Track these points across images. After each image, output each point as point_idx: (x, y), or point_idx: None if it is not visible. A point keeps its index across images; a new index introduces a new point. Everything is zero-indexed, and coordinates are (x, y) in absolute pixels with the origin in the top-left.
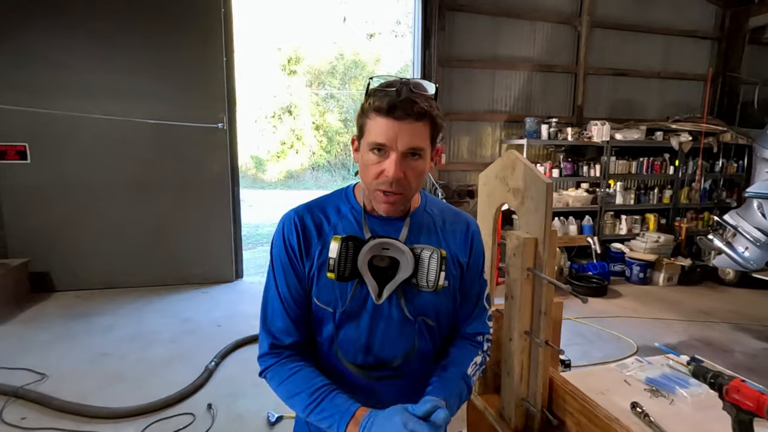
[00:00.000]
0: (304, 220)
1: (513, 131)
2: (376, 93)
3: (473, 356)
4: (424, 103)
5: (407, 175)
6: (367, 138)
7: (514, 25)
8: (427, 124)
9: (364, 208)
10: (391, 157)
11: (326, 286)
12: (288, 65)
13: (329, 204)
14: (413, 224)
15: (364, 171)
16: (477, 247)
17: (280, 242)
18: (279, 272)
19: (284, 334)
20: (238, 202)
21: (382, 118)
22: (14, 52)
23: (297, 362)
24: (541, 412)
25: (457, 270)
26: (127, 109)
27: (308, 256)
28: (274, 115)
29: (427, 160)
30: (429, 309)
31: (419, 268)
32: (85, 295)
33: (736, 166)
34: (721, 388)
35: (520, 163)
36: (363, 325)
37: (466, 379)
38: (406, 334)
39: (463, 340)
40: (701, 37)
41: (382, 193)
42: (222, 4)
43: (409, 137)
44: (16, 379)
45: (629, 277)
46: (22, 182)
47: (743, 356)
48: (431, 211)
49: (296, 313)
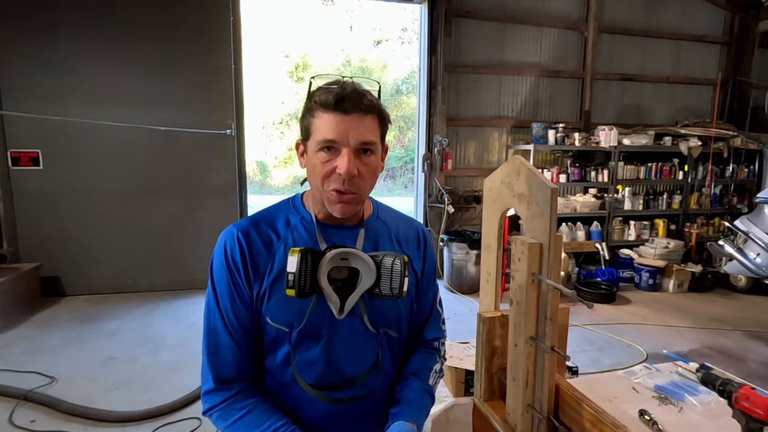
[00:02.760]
0: (249, 237)
1: (520, 137)
2: (320, 90)
3: (432, 365)
4: (371, 97)
5: (360, 171)
6: (315, 137)
7: (520, 31)
8: (375, 119)
9: (316, 217)
10: (343, 154)
11: (280, 305)
12: (295, 72)
13: (276, 216)
14: (368, 231)
15: (313, 173)
16: (430, 253)
17: (222, 263)
18: (224, 297)
19: (232, 365)
20: (245, 208)
21: (330, 114)
22: (27, 59)
23: (248, 399)
24: (547, 418)
25: (412, 277)
26: (137, 116)
27: (256, 276)
28: (281, 121)
29: (379, 157)
30: (391, 319)
31: (382, 276)
32: (95, 300)
33: (747, 171)
34: (730, 395)
35: (524, 168)
36: (323, 342)
37: (429, 390)
38: (368, 347)
39: (421, 349)
40: (710, 42)
41: (335, 192)
42: (231, 13)
43: (360, 131)
44: (25, 382)
45: (638, 284)
46: (34, 188)
47: (757, 365)
48: (384, 219)
49: (244, 341)
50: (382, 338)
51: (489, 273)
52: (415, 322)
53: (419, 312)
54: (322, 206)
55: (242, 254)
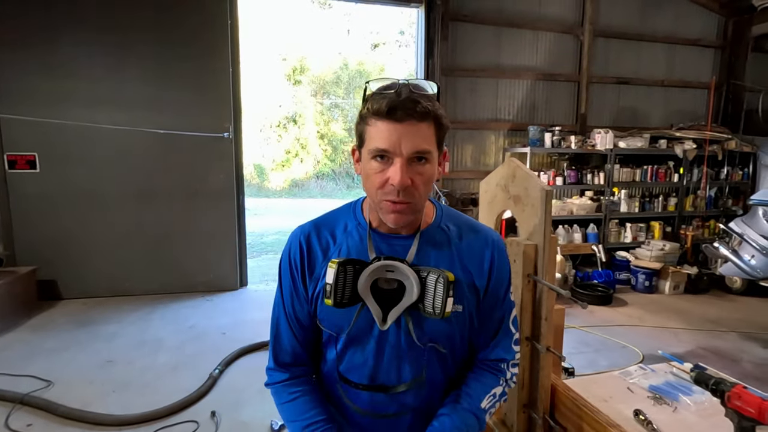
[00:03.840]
0: (310, 240)
1: (516, 139)
2: (374, 96)
3: (492, 386)
4: (427, 103)
5: (414, 181)
6: (368, 145)
7: (517, 35)
8: (431, 125)
9: (370, 224)
10: (395, 164)
11: (329, 309)
12: (293, 75)
13: (337, 220)
14: (423, 242)
15: (367, 182)
16: (500, 268)
17: (286, 262)
18: (286, 292)
19: (289, 353)
20: (243, 211)
21: (383, 122)
22: (25, 62)
23: (299, 387)
24: (543, 418)
25: (472, 295)
26: (134, 119)
27: (312, 278)
28: (279, 124)
29: (435, 165)
30: (440, 335)
31: (425, 293)
32: (92, 303)
33: (741, 173)
34: (723, 394)
35: (520, 171)
36: (368, 351)
37: (478, 413)
38: (414, 361)
39: (483, 368)
40: (704, 46)
41: (389, 203)
42: (229, 16)
43: (414, 140)
44: (22, 385)
45: (635, 286)
46: (31, 191)
47: (752, 366)
48: (446, 228)
49: (302, 333)
50: (430, 353)
51: None
52: (478, 341)
53: (483, 330)
54: (377, 214)
55: (301, 256)
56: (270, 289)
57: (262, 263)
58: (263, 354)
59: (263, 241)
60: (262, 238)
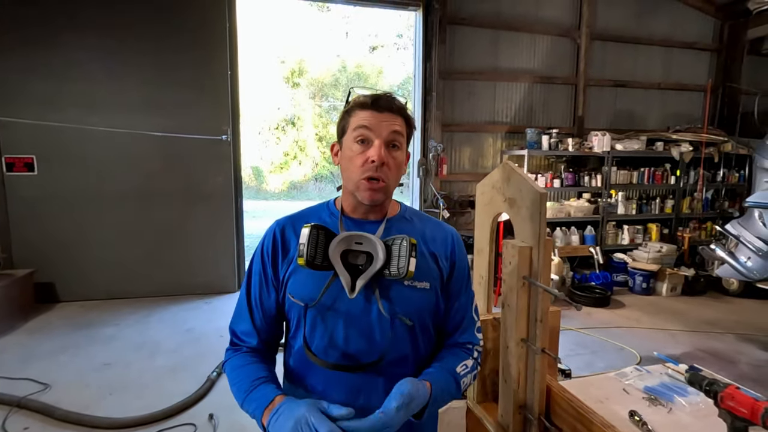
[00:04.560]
0: (284, 231)
1: (514, 142)
2: (357, 96)
3: (464, 359)
4: (402, 103)
5: (389, 163)
6: (352, 127)
7: (514, 38)
8: (404, 122)
9: (342, 210)
10: (375, 144)
11: (300, 281)
12: (291, 77)
13: (312, 214)
14: (391, 227)
15: (348, 164)
16: (460, 256)
17: (259, 250)
18: (254, 278)
19: (245, 335)
20: (241, 213)
21: (366, 111)
22: (22, 65)
23: (252, 358)
24: (538, 420)
25: (437, 272)
26: (132, 122)
27: (285, 260)
28: (277, 126)
29: (404, 155)
30: (408, 308)
31: (392, 258)
32: (89, 306)
33: (738, 175)
34: (716, 395)
35: (515, 174)
36: (336, 321)
37: (454, 375)
38: (381, 333)
39: (453, 347)
40: (701, 49)
41: (366, 180)
42: (227, 19)
43: (391, 126)
44: (19, 389)
45: (632, 288)
46: (28, 194)
47: (749, 367)
48: (410, 218)
49: (261, 319)
50: (399, 327)
51: (482, 276)
52: (447, 326)
53: (451, 315)
54: (352, 198)
55: (274, 244)
56: None
57: None
58: None
59: None
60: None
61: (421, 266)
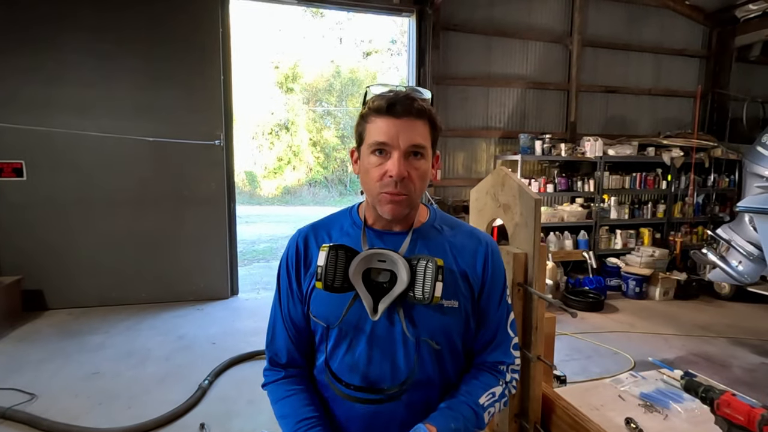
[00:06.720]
0: (307, 240)
1: (507, 147)
2: (374, 97)
3: (491, 385)
4: (423, 102)
5: (411, 174)
6: (368, 140)
7: (507, 44)
8: (426, 124)
9: (365, 222)
10: (393, 156)
11: (321, 299)
12: (285, 83)
13: (334, 222)
14: (416, 239)
15: (366, 177)
16: (495, 268)
17: (284, 263)
18: (283, 293)
19: (284, 354)
20: (234, 219)
21: (382, 118)
22: (11, 69)
23: (293, 386)
24: (534, 427)
25: (467, 289)
26: (124, 127)
27: (307, 274)
28: (271, 131)
29: (429, 162)
30: (434, 330)
31: (416, 280)
32: (78, 313)
33: (728, 180)
34: (712, 402)
35: (509, 179)
36: (359, 344)
37: (476, 408)
38: (406, 356)
39: (481, 369)
40: (690, 56)
41: (387, 194)
42: (220, 24)
43: (410, 134)
44: (4, 399)
45: (625, 292)
46: (17, 200)
47: (741, 371)
48: (440, 227)
49: (296, 335)
50: (423, 348)
51: None
52: (476, 343)
53: (480, 333)
54: (374, 210)
55: (297, 256)
56: (261, 297)
57: (254, 271)
58: (254, 364)
59: (255, 249)
60: (253, 246)
61: (449, 283)
